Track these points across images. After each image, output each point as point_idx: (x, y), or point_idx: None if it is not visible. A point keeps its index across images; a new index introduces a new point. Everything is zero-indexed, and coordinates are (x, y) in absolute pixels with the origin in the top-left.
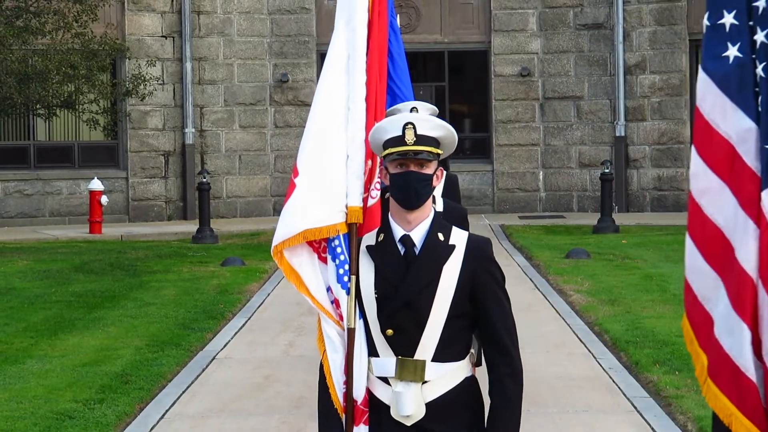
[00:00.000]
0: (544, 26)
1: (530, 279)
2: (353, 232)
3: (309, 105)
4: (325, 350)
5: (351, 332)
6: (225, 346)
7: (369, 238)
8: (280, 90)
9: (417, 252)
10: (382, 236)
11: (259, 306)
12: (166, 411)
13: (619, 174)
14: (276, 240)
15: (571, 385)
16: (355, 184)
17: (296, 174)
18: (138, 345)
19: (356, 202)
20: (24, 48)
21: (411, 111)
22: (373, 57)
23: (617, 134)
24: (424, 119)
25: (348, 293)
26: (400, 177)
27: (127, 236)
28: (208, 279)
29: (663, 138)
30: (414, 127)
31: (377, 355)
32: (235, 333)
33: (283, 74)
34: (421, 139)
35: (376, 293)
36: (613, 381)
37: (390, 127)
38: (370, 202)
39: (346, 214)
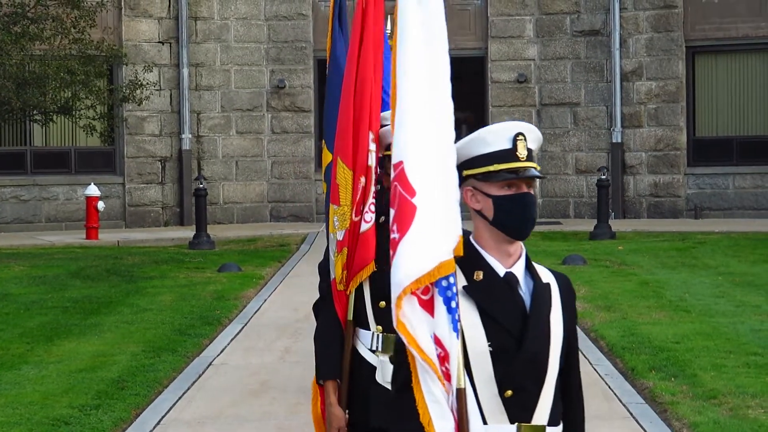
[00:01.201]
0: (541, 33)
1: None
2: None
3: (306, 111)
4: (429, 418)
5: (462, 393)
6: (221, 352)
7: (459, 277)
8: (277, 96)
9: (526, 293)
10: (480, 274)
11: (256, 312)
12: (162, 417)
13: (615, 180)
14: (406, 279)
15: None
16: (455, 205)
17: (412, 192)
18: (134, 351)
19: (459, 230)
20: (22, 54)
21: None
22: (367, 60)
23: (614, 140)
24: (530, 129)
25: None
26: (515, 200)
27: (123, 242)
28: (204, 285)
29: (659, 144)
30: (525, 140)
31: (485, 422)
32: (232, 339)
33: (280, 80)
34: (530, 155)
35: (489, 345)
36: (609, 387)
37: (493, 138)
38: (364, 227)
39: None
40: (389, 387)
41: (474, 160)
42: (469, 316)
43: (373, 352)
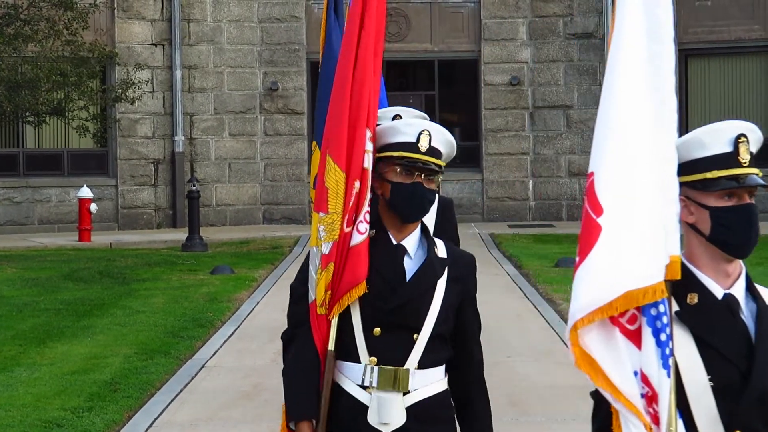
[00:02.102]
0: (534, 35)
1: (519, 288)
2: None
3: (299, 113)
4: None
5: None
6: (214, 354)
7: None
8: (270, 98)
9: (748, 318)
10: (695, 297)
11: (249, 314)
12: (155, 419)
13: None
14: (580, 312)
15: (559, 393)
16: (673, 220)
17: (598, 210)
18: (127, 353)
19: (676, 249)
20: (14, 56)
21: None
22: (368, 49)
23: None
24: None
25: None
26: (737, 212)
27: (116, 244)
28: (197, 287)
29: None
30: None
31: None
32: (224, 341)
33: (273, 82)
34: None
35: (710, 380)
36: None
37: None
38: (356, 239)
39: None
40: (383, 430)
41: (687, 165)
42: (684, 346)
43: (365, 388)
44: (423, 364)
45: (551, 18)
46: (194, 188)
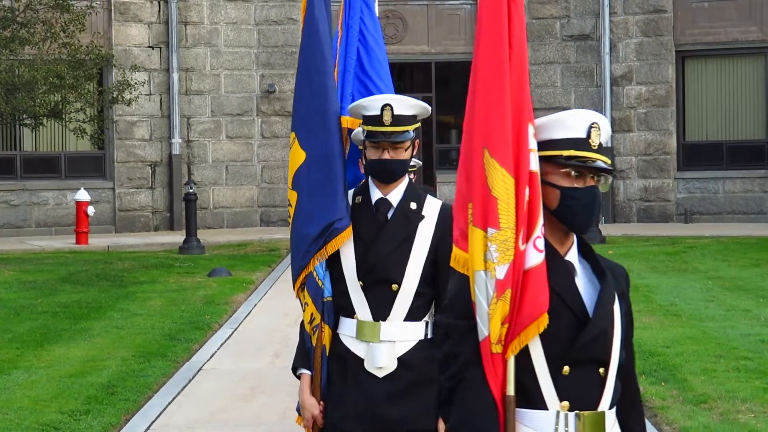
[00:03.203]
0: (531, 37)
1: None
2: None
3: None
4: None
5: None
6: (211, 357)
7: None
8: (267, 101)
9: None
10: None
11: (246, 317)
12: (152, 422)
13: None
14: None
15: None
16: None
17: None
18: (124, 356)
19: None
20: (11, 58)
21: (383, 108)
22: (523, 46)
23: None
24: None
25: None
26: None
27: (113, 247)
28: (194, 290)
29: (649, 149)
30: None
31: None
32: (222, 344)
33: (270, 85)
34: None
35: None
36: None
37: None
38: (533, 259)
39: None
40: None
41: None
42: None
43: None
44: (612, 404)
45: (548, 20)
46: (191, 191)
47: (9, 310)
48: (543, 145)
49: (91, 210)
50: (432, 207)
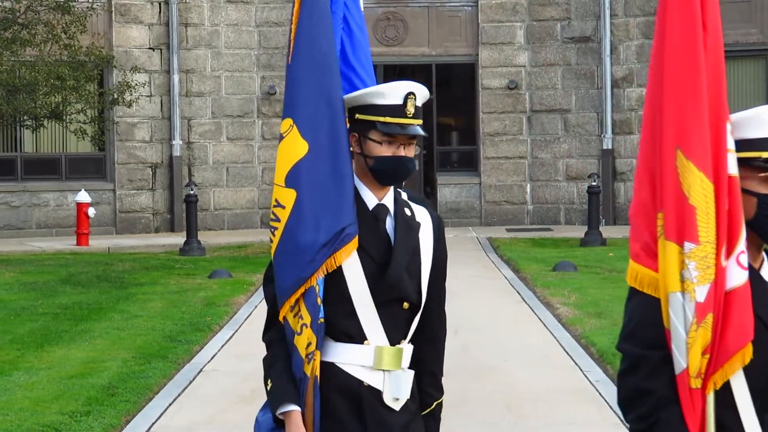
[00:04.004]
0: (532, 39)
1: (517, 291)
2: None
3: None
4: None
5: None
6: (212, 358)
7: None
8: (268, 102)
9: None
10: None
11: (246, 318)
12: (153, 423)
13: (606, 187)
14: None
15: (557, 397)
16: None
17: None
18: (125, 357)
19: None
20: (12, 59)
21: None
22: (719, 41)
23: (604, 147)
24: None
25: None
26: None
27: (114, 248)
28: (195, 291)
29: None
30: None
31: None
32: (222, 345)
33: (271, 86)
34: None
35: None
36: (600, 394)
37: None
38: (738, 277)
39: None
40: None
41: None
42: None
43: None
44: None
45: (549, 22)
46: (192, 192)
47: (9, 311)
48: (736, 145)
49: (91, 211)
50: (421, 212)
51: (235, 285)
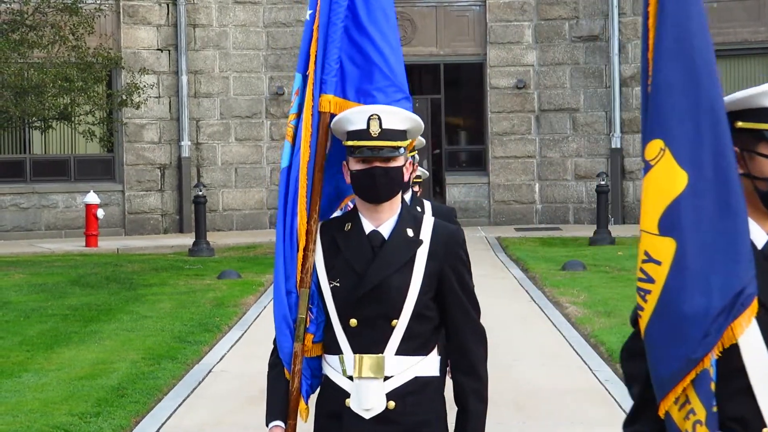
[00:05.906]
0: (540, 38)
1: (526, 291)
2: None
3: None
4: None
5: None
6: (221, 359)
7: None
8: (276, 103)
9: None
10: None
11: (255, 319)
12: (162, 424)
13: (615, 186)
14: None
15: (566, 397)
16: None
17: None
18: (134, 358)
19: None
20: (20, 61)
21: (369, 119)
22: None
23: (613, 146)
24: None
25: None
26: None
27: (123, 249)
28: (204, 292)
29: None
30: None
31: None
32: (231, 346)
33: (279, 87)
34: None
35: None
36: (609, 393)
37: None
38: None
39: None
40: None
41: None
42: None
43: None
44: None
45: (557, 21)
46: (201, 193)
47: (19, 313)
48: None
49: (100, 213)
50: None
51: (244, 286)
